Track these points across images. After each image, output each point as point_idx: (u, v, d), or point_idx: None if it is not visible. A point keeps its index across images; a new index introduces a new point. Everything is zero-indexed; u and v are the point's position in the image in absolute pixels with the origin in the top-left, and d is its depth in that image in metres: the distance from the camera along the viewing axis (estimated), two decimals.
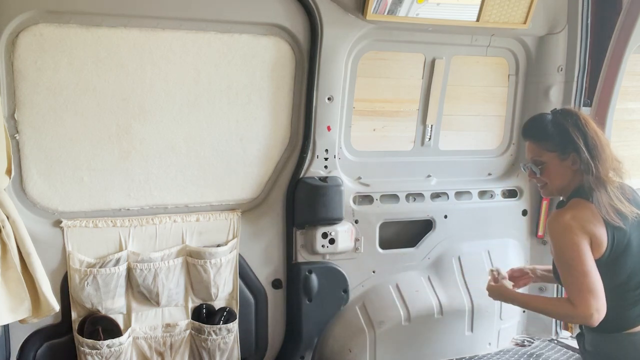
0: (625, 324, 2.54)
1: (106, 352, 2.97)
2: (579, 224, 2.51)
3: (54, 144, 2.86)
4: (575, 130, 2.56)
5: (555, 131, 2.61)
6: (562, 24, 3.57)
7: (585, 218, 2.51)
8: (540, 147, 2.66)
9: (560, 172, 2.64)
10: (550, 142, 2.62)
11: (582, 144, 2.54)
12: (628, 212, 2.51)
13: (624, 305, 2.53)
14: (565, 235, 2.53)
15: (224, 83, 3.08)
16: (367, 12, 3.10)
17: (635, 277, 2.53)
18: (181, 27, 2.93)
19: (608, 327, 2.56)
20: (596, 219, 2.50)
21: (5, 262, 2.61)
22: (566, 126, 2.58)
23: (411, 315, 3.47)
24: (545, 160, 2.65)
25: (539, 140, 2.66)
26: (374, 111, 3.48)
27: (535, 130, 2.70)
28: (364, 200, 3.48)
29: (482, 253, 3.71)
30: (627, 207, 2.52)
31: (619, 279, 2.53)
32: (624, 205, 2.52)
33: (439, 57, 3.50)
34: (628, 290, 2.53)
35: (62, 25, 2.74)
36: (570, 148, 2.57)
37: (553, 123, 2.63)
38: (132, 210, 3.07)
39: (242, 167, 3.23)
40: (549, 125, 2.64)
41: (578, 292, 2.49)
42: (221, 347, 3.22)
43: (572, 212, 2.55)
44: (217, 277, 3.17)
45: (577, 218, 2.52)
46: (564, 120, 2.60)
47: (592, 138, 2.56)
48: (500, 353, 3.68)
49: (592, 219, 2.50)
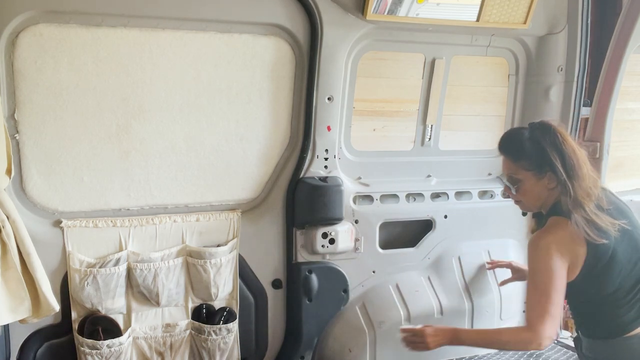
0: (621, 329, 2.54)
1: (106, 352, 2.97)
2: (558, 249, 2.50)
3: (54, 144, 2.86)
4: (553, 150, 2.52)
5: (532, 149, 2.57)
6: (562, 24, 3.57)
7: (565, 240, 2.50)
8: (517, 165, 2.63)
9: (536, 190, 2.62)
10: (527, 161, 2.59)
11: (560, 164, 2.51)
12: (609, 226, 2.48)
13: (618, 313, 2.53)
14: (542, 260, 2.53)
15: (224, 83, 3.08)
16: (367, 12, 3.10)
17: (625, 285, 2.52)
18: (181, 27, 2.93)
19: (605, 334, 2.57)
20: (577, 238, 2.49)
21: (5, 262, 2.61)
22: (543, 145, 2.53)
23: (411, 315, 3.47)
24: (522, 179, 2.62)
25: (516, 159, 2.63)
26: (374, 111, 3.48)
27: (512, 147, 2.66)
28: (364, 200, 3.47)
29: (482, 253, 3.70)
30: (606, 221, 2.49)
31: (609, 288, 2.52)
32: (602, 220, 2.49)
33: (439, 57, 3.50)
34: (620, 299, 2.53)
35: (62, 25, 2.73)
36: (547, 167, 2.54)
37: (530, 140, 2.58)
38: (132, 210, 3.07)
39: (242, 167, 3.23)
40: (525, 143, 2.59)
41: (539, 316, 2.51)
42: (221, 347, 3.23)
43: (553, 236, 2.53)
44: (217, 277, 3.17)
45: (558, 241, 2.51)
46: (541, 137, 2.55)
47: (569, 157, 2.51)
48: (501, 353, 3.68)
49: (573, 240, 2.49)
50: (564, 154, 2.51)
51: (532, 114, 3.74)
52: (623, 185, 4.16)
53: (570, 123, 3.68)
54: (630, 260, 2.54)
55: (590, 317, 2.63)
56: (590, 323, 2.65)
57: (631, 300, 2.53)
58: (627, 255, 2.53)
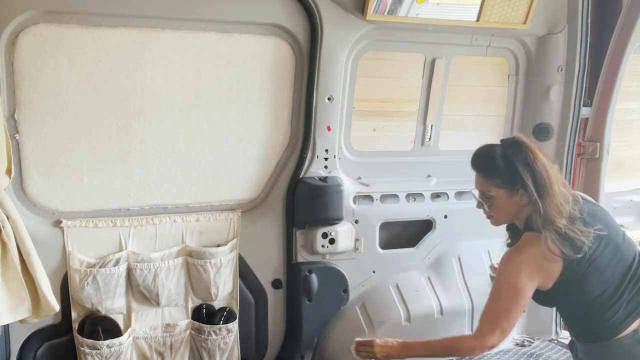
0: (613, 331, 2.54)
1: (106, 352, 2.96)
2: (530, 269, 2.54)
3: (54, 144, 2.86)
4: (525, 169, 2.54)
5: (504, 168, 2.59)
6: (562, 24, 3.57)
7: (538, 259, 2.53)
8: (489, 182, 2.66)
9: (508, 207, 2.65)
10: (499, 179, 2.61)
11: (531, 183, 2.53)
12: (582, 236, 2.50)
13: (606, 315, 2.54)
14: (512, 277, 2.58)
15: (224, 83, 3.08)
16: (367, 12, 3.10)
17: (609, 287, 2.54)
18: (181, 27, 2.93)
19: (597, 338, 2.58)
20: (550, 255, 2.51)
21: (5, 262, 2.61)
22: (515, 163, 2.55)
23: (411, 315, 3.47)
24: (494, 196, 2.65)
25: (488, 176, 2.66)
26: (374, 111, 3.48)
27: (484, 165, 2.69)
28: (364, 200, 3.47)
29: (482, 253, 3.70)
30: (580, 232, 2.51)
31: (593, 293, 2.54)
32: (576, 233, 2.50)
33: (439, 57, 3.50)
34: (606, 301, 2.54)
35: (62, 25, 2.73)
36: (519, 185, 2.56)
37: (502, 158, 2.60)
38: (132, 210, 3.07)
39: (242, 167, 3.23)
40: (498, 161, 2.61)
41: (492, 328, 2.62)
42: (221, 347, 3.23)
43: (526, 254, 2.56)
44: (217, 277, 3.17)
45: (530, 261, 2.54)
46: (513, 156, 2.57)
47: (540, 176, 2.53)
48: (500, 353, 3.68)
49: (545, 258, 2.51)
50: (535, 173, 2.54)
51: (532, 114, 3.74)
52: (623, 185, 4.17)
53: (570, 123, 3.68)
54: (611, 262, 2.55)
55: (580, 322, 2.66)
56: (582, 328, 2.67)
57: (617, 301, 2.54)
58: (607, 259, 2.55)
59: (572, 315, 2.68)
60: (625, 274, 2.56)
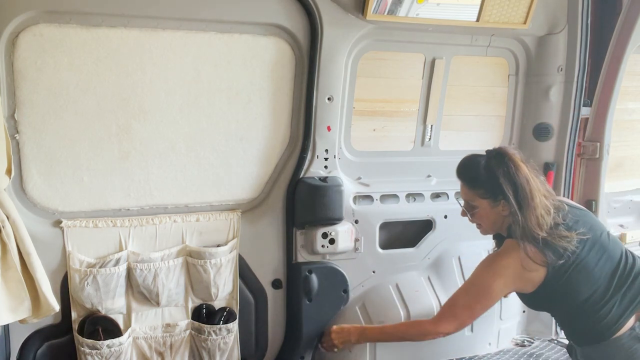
0: (608, 331, 2.56)
1: (106, 352, 2.97)
2: (506, 276, 2.62)
3: (54, 144, 2.86)
4: (506, 180, 2.59)
5: (487, 179, 2.65)
6: (562, 24, 3.57)
7: (517, 268, 2.59)
8: (473, 192, 2.73)
9: (491, 217, 2.73)
10: (482, 190, 2.69)
11: (512, 195, 2.58)
12: (564, 242, 2.54)
13: (600, 316, 2.56)
14: (486, 280, 2.68)
15: (224, 83, 3.08)
16: (367, 12, 3.10)
17: (599, 288, 2.57)
18: (181, 27, 2.93)
19: (594, 339, 2.59)
20: (529, 263, 2.56)
21: (5, 262, 2.61)
22: (497, 175, 2.61)
23: (411, 315, 3.47)
24: (477, 205, 2.74)
25: (471, 186, 2.74)
26: (374, 111, 3.48)
27: (468, 175, 2.76)
28: (364, 200, 3.47)
29: (482, 253, 3.68)
30: (561, 239, 2.54)
31: (582, 295, 2.56)
32: (557, 240, 2.54)
33: (439, 57, 3.50)
34: (597, 301, 2.56)
35: (62, 25, 2.73)
36: (501, 197, 2.62)
37: (485, 169, 2.66)
38: (132, 210, 3.07)
39: (242, 167, 3.23)
40: (481, 172, 2.68)
41: (451, 318, 2.78)
42: (221, 347, 3.23)
43: (505, 261, 2.62)
44: (217, 277, 3.17)
45: (508, 268, 2.61)
46: (496, 167, 2.62)
47: (522, 188, 2.57)
48: (500, 353, 3.68)
49: (524, 266, 2.57)
50: (517, 185, 2.58)
51: (532, 114, 3.75)
52: (623, 185, 4.17)
53: (570, 123, 3.69)
54: (598, 263, 2.57)
55: (575, 325, 2.67)
56: (578, 331, 2.68)
57: (610, 299, 2.55)
58: (594, 260, 2.57)
59: (566, 318, 2.71)
60: (614, 273, 2.58)
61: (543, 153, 3.73)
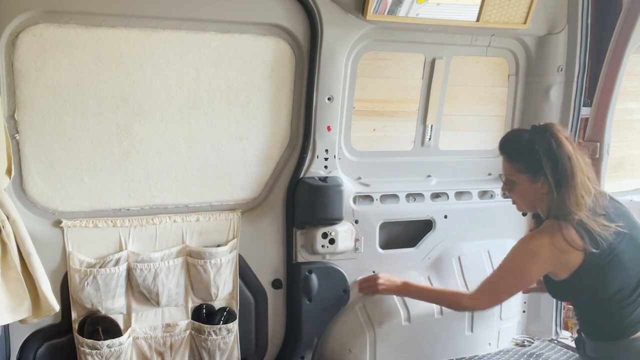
0: (627, 331, 2.54)
1: (106, 352, 2.97)
2: (542, 256, 2.55)
3: (54, 144, 2.85)
4: (546, 155, 2.51)
5: (528, 153, 2.57)
6: (562, 24, 3.57)
7: (553, 248, 2.52)
8: (512, 167, 2.66)
9: (530, 193, 2.65)
10: (522, 164, 2.61)
11: (550, 171, 2.50)
12: (602, 230, 2.48)
13: (623, 313, 2.53)
14: (523, 258, 2.63)
15: (224, 83, 3.08)
16: (367, 12, 3.10)
17: (629, 285, 2.53)
18: (181, 27, 2.93)
19: (610, 335, 2.56)
20: (566, 246, 2.51)
21: (5, 262, 2.61)
22: (537, 150, 2.53)
23: (411, 315, 3.47)
24: (516, 180, 2.66)
25: (511, 160, 2.66)
26: (374, 111, 3.48)
27: (509, 148, 2.70)
28: (364, 200, 3.47)
29: (482, 253, 3.71)
30: (601, 228, 2.49)
31: (611, 290, 2.53)
32: (596, 227, 2.48)
33: (439, 57, 3.50)
34: (624, 298, 2.53)
35: (62, 25, 2.73)
36: (540, 173, 2.55)
37: (527, 143, 2.59)
38: (132, 210, 3.07)
39: (242, 167, 3.23)
40: (523, 146, 2.61)
41: (489, 296, 2.81)
42: (221, 347, 3.23)
43: (542, 241, 2.56)
44: (217, 277, 3.17)
45: (545, 248, 2.54)
46: (538, 142, 2.55)
47: (562, 165, 2.49)
48: (500, 353, 3.68)
49: (561, 248, 2.51)
50: (557, 161, 2.50)
51: (532, 114, 3.74)
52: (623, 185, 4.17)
53: (570, 123, 3.69)
54: (632, 259, 2.54)
55: (595, 318, 2.63)
56: (596, 324, 2.64)
57: (636, 299, 2.52)
58: (629, 256, 2.53)
59: (588, 311, 2.65)
60: None
61: None
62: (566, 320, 4.01)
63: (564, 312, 3.93)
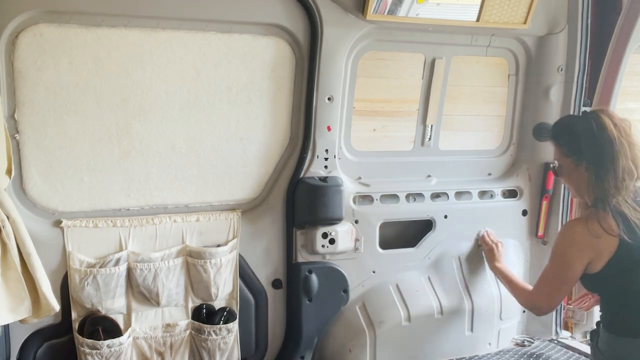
0: None
1: (106, 352, 2.97)
2: (581, 242, 2.54)
3: (54, 144, 2.86)
4: (587, 139, 2.51)
5: (571, 137, 2.60)
6: (562, 24, 3.57)
7: (591, 234, 2.51)
8: (558, 150, 2.70)
9: (574, 177, 2.65)
10: (565, 148, 2.64)
11: (590, 154, 2.51)
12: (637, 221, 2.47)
13: None
14: (562, 246, 2.62)
15: (224, 83, 3.08)
16: (367, 12, 3.10)
17: None
18: (181, 27, 2.93)
19: (629, 331, 2.53)
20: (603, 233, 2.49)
21: (5, 262, 2.61)
22: (579, 133, 2.54)
23: (411, 315, 3.47)
24: (562, 164, 2.67)
25: (557, 144, 2.70)
26: (374, 111, 3.48)
27: (557, 132, 2.73)
28: (364, 200, 3.47)
29: (482, 253, 3.70)
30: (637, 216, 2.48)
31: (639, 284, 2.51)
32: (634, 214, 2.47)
33: (439, 57, 3.50)
34: None
35: (62, 25, 2.73)
36: (583, 157, 2.55)
37: (570, 127, 2.63)
38: (132, 210, 3.07)
39: (242, 167, 3.23)
40: (567, 130, 2.64)
41: (543, 286, 2.78)
42: (221, 347, 3.23)
43: (581, 227, 2.55)
44: (217, 277, 3.17)
45: (584, 233, 2.53)
46: (580, 125, 2.57)
47: (601, 148, 2.48)
48: (500, 353, 3.68)
49: (598, 235, 2.50)
50: (598, 145, 2.50)
51: (532, 114, 3.74)
52: None
53: None
54: None
55: (618, 311, 2.60)
56: (618, 317, 2.60)
57: None
58: None
59: (615, 301, 2.63)
60: None
61: (543, 153, 3.73)
62: (566, 320, 4.01)
63: (564, 312, 3.92)
